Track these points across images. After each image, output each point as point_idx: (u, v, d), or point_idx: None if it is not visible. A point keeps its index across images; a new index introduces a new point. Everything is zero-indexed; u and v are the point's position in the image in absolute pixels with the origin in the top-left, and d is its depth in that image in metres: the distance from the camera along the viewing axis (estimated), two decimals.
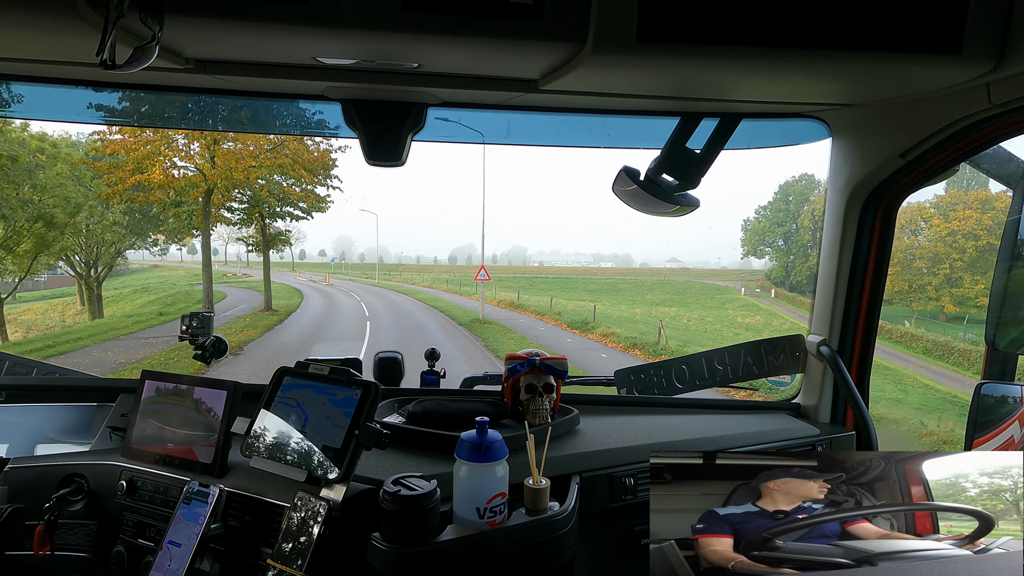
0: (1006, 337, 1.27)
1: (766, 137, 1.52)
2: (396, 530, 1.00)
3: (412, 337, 14.72)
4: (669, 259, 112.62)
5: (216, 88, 1.30)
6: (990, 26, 0.92)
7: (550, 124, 1.48)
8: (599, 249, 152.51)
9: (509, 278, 49.57)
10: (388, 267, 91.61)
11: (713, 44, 0.92)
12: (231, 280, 40.02)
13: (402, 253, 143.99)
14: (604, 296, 34.73)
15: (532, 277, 53.07)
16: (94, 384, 1.62)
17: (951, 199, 23.40)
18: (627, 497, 1.33)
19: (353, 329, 16.22)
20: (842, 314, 1.58)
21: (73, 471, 1.31)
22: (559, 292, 34.44)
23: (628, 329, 18.16)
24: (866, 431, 1.57)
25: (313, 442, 1.14)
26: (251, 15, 0.87)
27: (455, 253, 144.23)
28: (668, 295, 35.63)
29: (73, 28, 0.89)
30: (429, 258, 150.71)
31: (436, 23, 0.90)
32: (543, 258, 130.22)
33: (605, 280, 47.69)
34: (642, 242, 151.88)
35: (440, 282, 44.68)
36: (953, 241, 22.50)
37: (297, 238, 72.69)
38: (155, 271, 51.86)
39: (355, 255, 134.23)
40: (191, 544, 1.12)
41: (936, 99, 1.16)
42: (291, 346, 13.09)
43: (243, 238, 19.47)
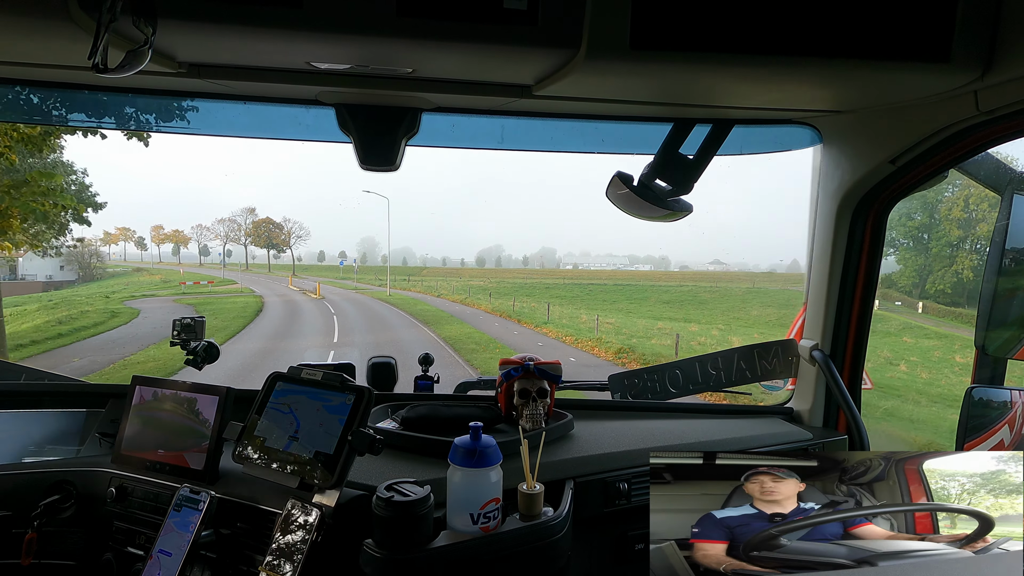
0: (996, 341, 1.28)
1: (758, 143, 1.54)
2: (389, 536, 0.99)
3: None
4: (712, 261, 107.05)
5: (209, 92, 1.30)
6: (978, 34, 0.94)
7: (544, 129, 1.49)
8: (632, 250, 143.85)
9: (565, 285, 42.65)
10: (410, 270, 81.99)
11: (706, 51, 0.93)
12: (189, 291, 34.09)
13: (427, 255, 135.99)
14: (689, 311, 27.45)
15: (584, 284, 45.85)
16: (84, 390, 1.60)
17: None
18: (621, 502, 1.33)
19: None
20: (834, 319, 1.59)
21: (62, 478, 1.30)
22: (627, 304, 29.21)
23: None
24: (858, 434, 1.57)
25: (306, 448, 1.13)
26: (245, 20, 0.87)
27: (483, 254, 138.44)
28: (780, 310, 26.12)
29: (65, 31, 0.89)
30: (455, 260, 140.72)
31: (430, 28, 0.90)
32: (573, 260, 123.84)
33: (668, 289, 38.64)
34: (679, 242, 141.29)
35: (474, 292, 35.98)
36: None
37: (300, 235, 66.83)
38: (131, 276, 49.26)
39: (378, 257, 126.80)
40: (182, 552, 1.11)
41: (925, 106, 1.17)
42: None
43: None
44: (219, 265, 65.63)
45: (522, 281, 52.17)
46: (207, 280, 40.45)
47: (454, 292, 36.86)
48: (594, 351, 15.00)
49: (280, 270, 65.30)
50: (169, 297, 29.92)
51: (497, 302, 29.39)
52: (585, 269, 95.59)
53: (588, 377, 1.98)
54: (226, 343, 14.38)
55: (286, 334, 17.07)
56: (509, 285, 44.96)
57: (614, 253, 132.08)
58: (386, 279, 44.03)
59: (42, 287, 38.20)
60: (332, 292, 34.99)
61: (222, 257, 65.42)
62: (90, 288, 37.57)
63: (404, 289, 39.95)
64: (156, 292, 33.03)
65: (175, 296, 30.64)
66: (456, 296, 33.60)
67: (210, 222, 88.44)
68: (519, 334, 18.23)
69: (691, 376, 1.82)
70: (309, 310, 23.38)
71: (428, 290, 38.88)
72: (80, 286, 41.48)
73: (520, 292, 37.84)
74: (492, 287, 42.37)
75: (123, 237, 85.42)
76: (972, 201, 26.63)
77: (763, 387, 1.84)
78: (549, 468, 1.27)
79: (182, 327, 1.58)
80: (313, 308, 24.31)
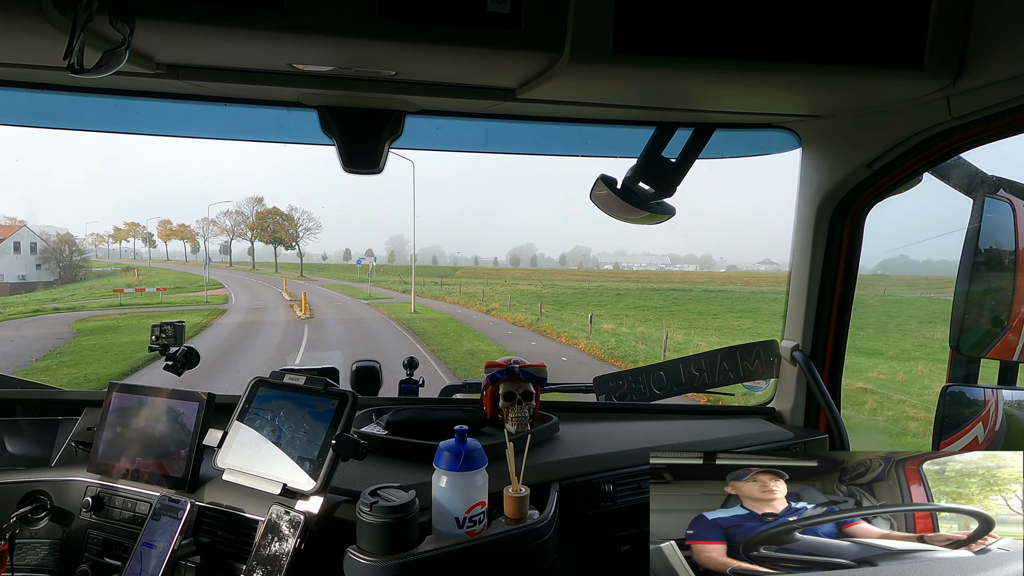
0: (969, 341, 1.32)
1: (739, 147, 1.56)
2: (373, 542, 0.98)
3: None
4: (762, 260, 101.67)
5: (189, 94, 1.28)
6: (949, 42, 0.97)
7: (528, 133, 1.49)
8: (673, 249, 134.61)
9: (640, 291, 33.12)
10: (441, 271, 69.07)
11: (687, 56, 0.95)
12: (127, 302, 25.40)
13: (457, 253, 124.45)
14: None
15: (658, 289, 36.55)
16: (58, 397, 1.56)
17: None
18: (606, 504, 1.33)
19: None
20: (814, 320, 1.62)
21: (35, 488, 1.27)
22: (748, 320, 20.94)
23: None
24: (838, 433, 1.60)
25: (288, 453, 1.12)
26: (225, 21, 0.86)
27: (516, 252, 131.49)
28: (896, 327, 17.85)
29: (38, 30, 0.87)
30: (487, 259, 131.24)
31: (413, 31, 0.90)
32: (607, 259, 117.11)
33: (776, 296, 26.78)
34: (723, 241, 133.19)
35: (525, 299, 26.21)
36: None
37: (309, 228, 54.81)
38: (118, 277, 43.05)
39: (407, 255, 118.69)
40: (161, 561, 1.09)
41: (900, 111, 1.20)
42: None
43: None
44: (226, 264, 59.92)
45: (577, 284, 43.89)
46: (158, 287, 31.73)
47: (506, 303, 26.36)
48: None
49: (289, 270, 56.42)
50: (87, 313, 22.17)
51: (572, 317, 21.36)
52: (628, 270, 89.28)
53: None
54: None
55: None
56: (565, 289, 36.84)
57: (651, 252, 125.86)
58: (411, 283, 29.93)
59: (9, 289, 34.37)
60: (334, 303, 25.60)
61: (205, 255, 55.85)
62: (52, 293, 32.09)
63: (436, 298, 28.26)
64: (109, 301, 25.58)
65: (94, 313, 22.39)
66: (519, 315, 22.26)
67: (215, 214, 76.17)
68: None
69: (675, 377, 1.83)
70: (259, 350, 14.45)
71: (469, 300, 27.31)
72: (57, 288, 36.99)
73: (585, 300, 29.28)
74: (546, 293, 32.89)
75: (132, 233, 77.30)
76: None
77: (745, 387, 1.86)
78: (535, 471, 1.27)
79: (161, 331, 1.55)
80: (273, 342, 15.81)
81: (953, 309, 1.31)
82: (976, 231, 1.27)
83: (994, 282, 1.30)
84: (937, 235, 1.69)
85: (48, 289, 36.65)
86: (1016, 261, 1.30)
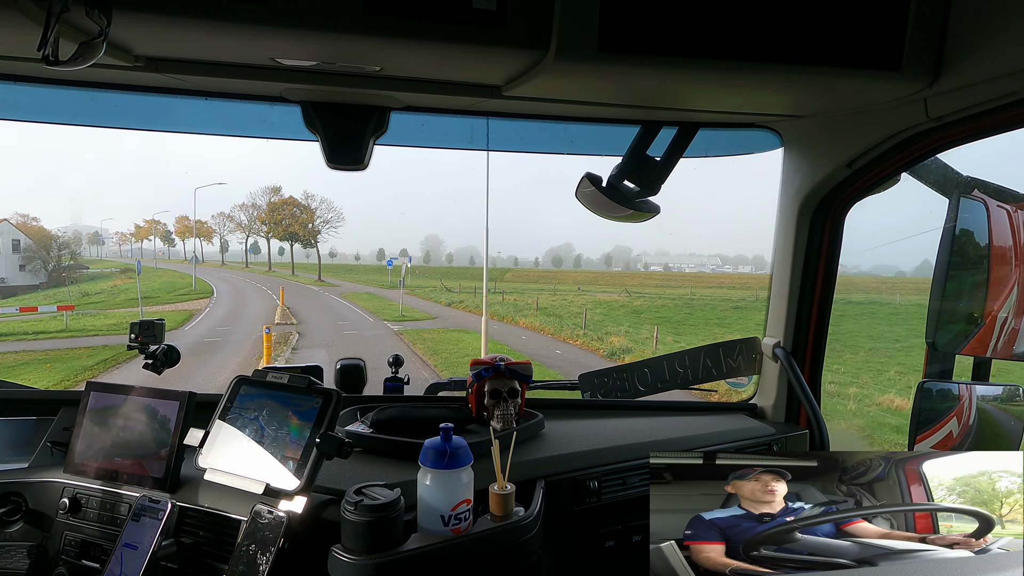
0: (945, 337, 1.35)
1: (722, 146, 1.58)
2: (358, 541, 0.98)
3: None
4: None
5: (169, 87, 1.26)
6: (927, 45, 0.98)
7: (514, 130, 1.49)
8: (722, 249, 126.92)
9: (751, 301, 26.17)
10: (480, 273, 47.45)
11: (672, 55, 0.95)
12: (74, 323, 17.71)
13: (497, 254, 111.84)
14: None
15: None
16: (33, 397, 1.53)
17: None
18: (591, 500, 1.34)
19: None
20: (795, 317, 1.65)
21: (9, 490, 1.24)
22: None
23: None
24: (818, 429, 1.63)
25: (271, 452, 1.11)
26: (206, 13, 0.85)
27: (558, 252, 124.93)
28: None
29: (12, 20, 0.84)
30: (527, 260, 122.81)
31: (398, 26, 0.89)
32: (658, 261, 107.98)
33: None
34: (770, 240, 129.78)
35: (606, 315, 19.73)
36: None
37: (328, 220, 47.82)
38: (111, 280, 37.81)
39: (442, 256, 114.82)
40: (140, 563, 1.07)
41: (879, 112, 1.22)
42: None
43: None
44: (241, 264, 55.00)
45: (660, 291, 35.75)
46: (59, 305, 22.82)
47: (594, 324, 18.67)
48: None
49: (303, 270, 51.44)
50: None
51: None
52: (679, 272, 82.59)
53: None
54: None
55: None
56: (655, 298, 30.09)
57: (698, 252, 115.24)
58: (454, 290, 21.98)
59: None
60: (340, 330, 17.55)
61: (191, 254, 52.93)
62: (23, 300, 27.52)
63: (502, 319, 19.58)
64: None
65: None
66: (644, 348, 14.56)
67: (229, 208, 67.20)
68: None
69: (659, 374, 1.85)
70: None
71: (548, 320, 18.92)
72: (39, 293, 32.71)
73: (696, 316, 22.39)
74: (639, 305, 25.13)
75: (152, 231, 73.58)
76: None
77: (728, 384, 1.88)
78: (520, 468, 1.27)
79: (140, 329, 1.52)
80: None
81: (929, 306, 1.34)
82: (952, 230, 1.30)
83: (968, 280, 1.34)
84: (913, 235, 1.71)
85: (26, 296, 31.28)
86: (989, 259, 1.33)
